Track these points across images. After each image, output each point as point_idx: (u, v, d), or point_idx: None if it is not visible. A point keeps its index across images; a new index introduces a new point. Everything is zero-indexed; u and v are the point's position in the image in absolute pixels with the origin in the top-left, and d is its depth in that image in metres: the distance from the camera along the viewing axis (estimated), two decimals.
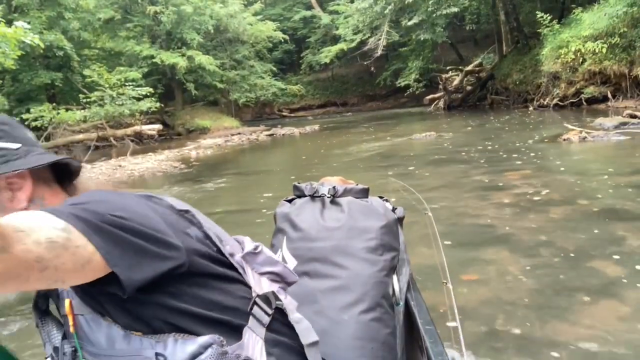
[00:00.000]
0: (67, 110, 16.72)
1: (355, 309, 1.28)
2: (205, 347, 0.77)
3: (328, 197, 1.50)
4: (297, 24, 31.14)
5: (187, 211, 0.88)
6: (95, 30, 22.20)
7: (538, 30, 15.70)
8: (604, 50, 12.70)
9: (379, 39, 19.13)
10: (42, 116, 15.40)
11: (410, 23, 18.53)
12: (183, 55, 21.50)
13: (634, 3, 12.03)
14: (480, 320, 2.52)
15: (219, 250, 0.88)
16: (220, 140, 16.24)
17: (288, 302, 0.96)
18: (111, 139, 17.18)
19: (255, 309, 0.89)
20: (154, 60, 20.99)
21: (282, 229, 1.47)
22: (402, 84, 23.38)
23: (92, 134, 15.75)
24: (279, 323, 0.93)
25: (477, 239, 3.78)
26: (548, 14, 15.03)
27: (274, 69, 26.71)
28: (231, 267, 0.89)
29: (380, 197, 1.61)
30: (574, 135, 8.03)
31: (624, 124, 8.78)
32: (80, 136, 15.92)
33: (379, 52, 19.50)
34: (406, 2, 17.59)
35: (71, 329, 0.80)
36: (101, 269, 0.68)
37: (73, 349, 0.82)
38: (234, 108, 25.65)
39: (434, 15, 17.92)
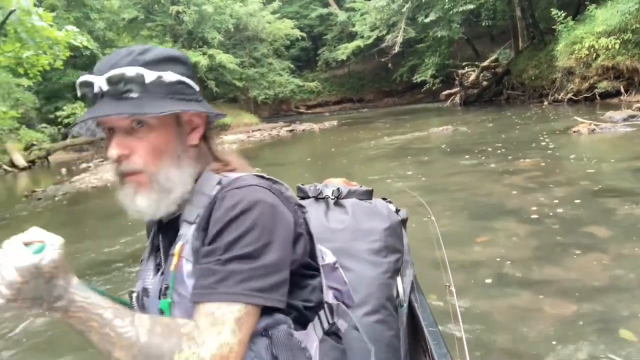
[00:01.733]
0: None
1: (359, 311, 1.30)
2: (278, 324, 0.87)
3: (332, 198, 1.52)
4: (314, 21, 31.85)
5: (302, 207, 0.99)
6: (119, 30, 23.11)
7: (553, 27, 16.18)
8: (617, 46, 13.18)
9: (396, 36, 19.72)
10: (74, 113, 16.30)
11: (427, 20, 19.10)
12: (204, 54, 22.35)
13: None
14: (490, 269, 3.21)
15: (314, 250, 1.00)
16: (243, 136, 17.03)
17: (342, 323, 1.05)
18: None
19: (322, 313, 0.99)
20: None
21: None
22: (419, 79, 23.96)
23: None
24: (334, 335, 1.01)
25: (489, 212, 4.46)
26: (562, 11, 15.51)
27: (292, 66, 27.44)
28: (317, 269, 1.01)
29: (384, 199, 1.62)
30: (584, 128, 8.61)
31: (633, 116, 9.33)
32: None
33: (397, 49, 20.12)
34: (423, 1, 18.18)
35: (172, 267, 0.88)
36: (257, 319, 0.84)
37: (166, 285, 0.90)
38: (252, 105, 26.47)
39: (451, 12, 18.48)
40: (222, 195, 0.87)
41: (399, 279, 1.45)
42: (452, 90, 21.87)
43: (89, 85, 0.86)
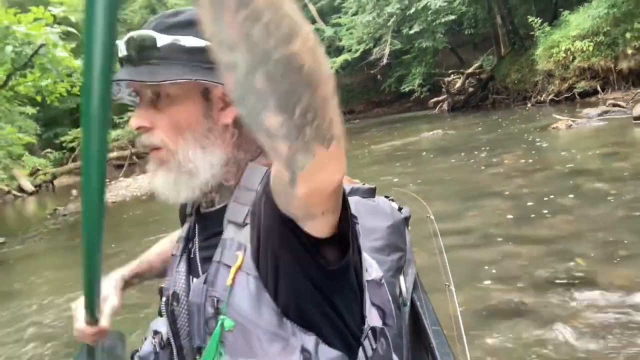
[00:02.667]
0: None
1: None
2: None
3: None
4: None
5: (355, 218, 0.81)
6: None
7: (532, 33, 17.28)
8: (591, 48, 14.23)
9: (384, 49, 20.76)
10: (77, 137, 17.09)
11: (411, 32, 20.18)
12: None
13: (614, 5, 13.62)
14: (479, 232, 4.06)
15: (361, 266, 0.82)
16: None
17: (381, 344, 0.92)
18: (134, 157, 18.88)
19: (366, 341, 0.85)
20: None
21: None
22: (407, 89, 24.96)
23: (124, 152, 17.39)
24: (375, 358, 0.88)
25: (477, 195, 5.33)
26: (539, 18, 16.62)
27: None
28: (361, 288, 0.84)
29: (387, 197, 1.64)
30: (562, 124, 9.56)
31: (606, 112, 10.31)
32: (115, 154, 17.57)
33: (385, 60, 21.13)
34: (407, 14, 19.28)
35: (229, 282, 0.75)
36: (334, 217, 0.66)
37: (216, 298, 0.77)
38: None
39: (434, 23, 19.58)
40: None
41: (401, 277, 1.46)
42: (440, 98, 22.88)
43: (116, 48, 0.78)
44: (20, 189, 16.10)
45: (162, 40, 0.77)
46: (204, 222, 0.89)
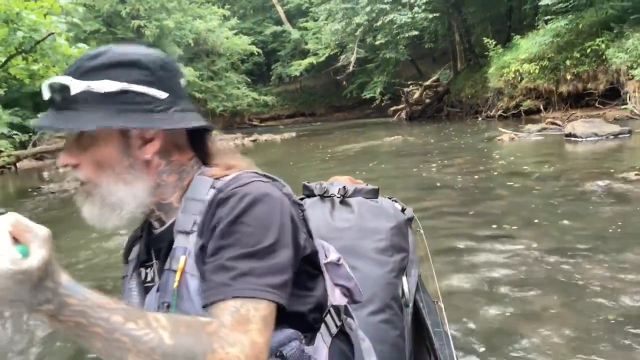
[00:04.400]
0: None
1: (364, 310, 1.33)
2: (290, 340, 0.85)
3: (338, 197, 1.56)
4: (267, 37, 34.04)
5: (301, 205, 0.95)
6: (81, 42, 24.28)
7: (486, 53, 19.10)
8: (537, 71, 16.09)
9: (350, 57, 22.22)
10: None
11: (377, 42, 21.73)
12: None
13: (557, 34, 15.54)
14: (436, 210, 5.37)
15: (314, 252, 0.95)
16: None
17: (351, 320, 1.05)
18: None
19: (328, 317, 0.96)
20: None
21: None
22: (368, 96, 26.54)
23: None
24: (343, 336, 1.00)
25: (433, 187, 6.69)
26: (494, 40, 18.43)
27: (248, 79, 29.44)
28: (319, 270, 0.97)
29: (390, 198, 1.68)
30: (506, 136, 11.17)
31: (544, 128, 12.04)
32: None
33: (351, 68, 22.58)
34: (374, 26, 20.82)
35: (175, 284, 0.83)
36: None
37: (167, 304, 0.84)
38: (210, 117, 28.16)
39: (398, 37, 21.20)
40: (225, 195, 0.84)
41: (404, 278, 1.48)
42: (399, 107, 24.53)
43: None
44: None
45: (76, 87, 0.81)
46: (156, 242, 0.94)
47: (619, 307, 2.77)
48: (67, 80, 0.82)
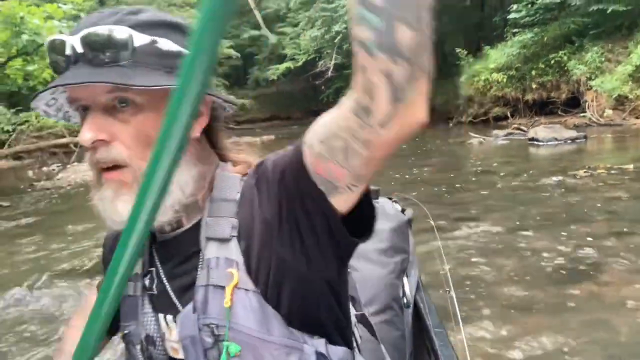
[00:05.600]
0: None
1: (365, 311, 1.28)
2: (346, 358, 0.79)
3: None
4: (245, 41, 34.71)
5: None
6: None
7: (457, 62, 20.23)
8: (505, 80, 17.26)
9: (329, 63, 23.14)
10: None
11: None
12: None
13: (524, 46, 16.74)
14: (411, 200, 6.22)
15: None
16: None
17: (362, 328, 1.02)
18: (72, 145, 19.69)
19: (355, 329, 0.91)
20: None
21: None
22: None
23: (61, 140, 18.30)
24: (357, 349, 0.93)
25: (409, 182, 7.57)
26: (464, 49, 19.57)
27: (226, 82, 30.07)
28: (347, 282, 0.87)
29: (390, 199, 1.73)
30: (475, 140, 12.18)
31: (510, 134, 13.10)
32: (65, 140, 18.39)
33: (330, 74, 23.49)
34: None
35: (227, 304, 0.70)
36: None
37: (213, 324, 0.72)
38: None
39: None
40: (254, 169, 0.77)
41: (405, 279, 1.52)
42: None
43: (61, 47, 0.69)
44: None
45: (140, 39, 0.69)
46: (167, 249, 0.80)
47: (557, 265, 3.66)
48: (124, 30, 0.68)
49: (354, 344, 0.88)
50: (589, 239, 4.16)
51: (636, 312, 2.84)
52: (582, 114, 14.58)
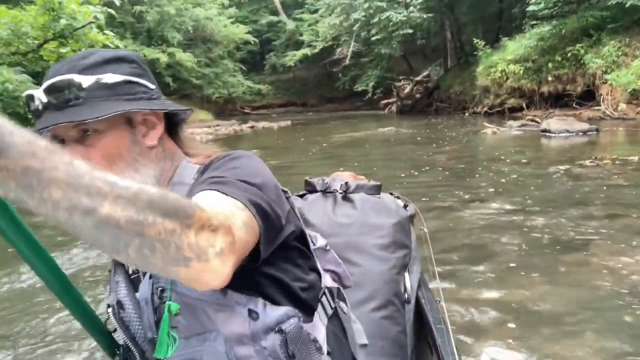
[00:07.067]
0: None
1: (366, 306, 1.39)
2: (288, 317, 0.90)
3: (340, 193, 1.60)
4: (263, 27, 35.20)
5: (285, 191, 0.97)
6: None
7: (475, 53, 20.57)
8: (521, 72, 17.60)
9: (347, 50, 23.62)
10: None
11: (372, 38, 23.16)
12: (163, 52, 25.04)
13: (542, 38, 17.08)
14: (426, 182, 6.77)
15: (302, 231, 1.00)
16: (210, 129, 19.99)
17: (343, 304, 1.09)
18: None
19: (323, 298, 1.02)
20: None
21: None
22: (360, 89, 27.93)
23: None
24: (336, 319, 1.06)
25: (424, 168, 8.10)
26: (482, 40, 19.89)
27: (244, 68, 30.66)
28: (310, 251, 1.03)
29: (392, 194, 1.73)
30: (489, 130, 12.66)
31: (524, 125, 13.56)
32: None
33: (347, 61, 23.98)
34: (371, 22, 22.21)
35: None
36: (250, 247, 0.75)
37: (161, 288, 0.89)
38: (204, 103, 29.31)
39: (393, 34, 22.64)
40: (210, 161, 0.92)
41: (406, 274, 1.54)
42: (390, 100, 25.95)
43: (31, 99, 0.87)
44: None
45: (87, 81, 0.85)
46: None
47: (554, 239, 4.20)
48: (73, 76, 0.84)
49: (320, 311, 1.00)
50: (586, 219, 4.69)
51: (616, 276, 3.37)
52: (596, 107, 14.95)
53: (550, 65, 16.76)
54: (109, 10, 10.33)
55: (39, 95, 0.86)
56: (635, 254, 3.71)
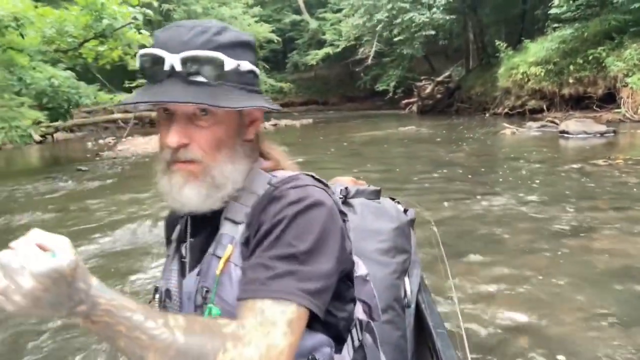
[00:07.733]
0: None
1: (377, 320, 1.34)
2: (322, 346, 0.90)
3: (340, 198, 1.58)
4: (286, 26, 35.82)
5: (345, 215, 0.98)
6: None
7: (496, 54, 20.88)
8: (542, 74, 17.86)
9: (370, 50, 24.10)
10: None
11: (395, 39, 23.60)
12: None
13: (564, 41, 17.35)
14: (445, 179, 7.25)
15: (352, 264, 1.01)
16: None
17: (367, 338, 1.08)
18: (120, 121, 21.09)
19: (354, 330, 1.01)
20: None
21: None
22: (381, 88, 28.34)
23: (129, 114, 19.75)
24: (361, 352, 1.03)
25: (446, 164, 8.56)
26: (505, 42, 20.20)
27: (267, 66, 31.31)
28: (352, 281, 1.03)
29: (392, 199, 1.74)
30: (508, 131, 13.05)
31: (544, 126, 13.90)
32: (118, 115, 19.87)
33: (370, 61, 24.46)
34: (394, 23, 22.65)
35: (217, 272, 0.87)
36: (304, 326, 0.80)
37: (206, 289, 0.89)
38: None
39: (416, 35, 23.05)
40: (279, 193, 0.88)
41: (406, 279, 1.56)
42: (411, 100, 26.32)
43: (159, 61, 0.84)
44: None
45: (229, 64, 0.84)
46: (200, 223, 0.98)
47: (560, 227, 4.67)
48: (219, 55, 0.83)
49: (349, 342, 0.99)
50: (593, 211, 5.15)
51: (615, 259, 3.83)
52: (616, 110, 15.20)
53: (571, 67, 17.00)
54: (147, 10, 10.95)
55: (173, 61, 0.83)
56: (637, 242, 4.17)
